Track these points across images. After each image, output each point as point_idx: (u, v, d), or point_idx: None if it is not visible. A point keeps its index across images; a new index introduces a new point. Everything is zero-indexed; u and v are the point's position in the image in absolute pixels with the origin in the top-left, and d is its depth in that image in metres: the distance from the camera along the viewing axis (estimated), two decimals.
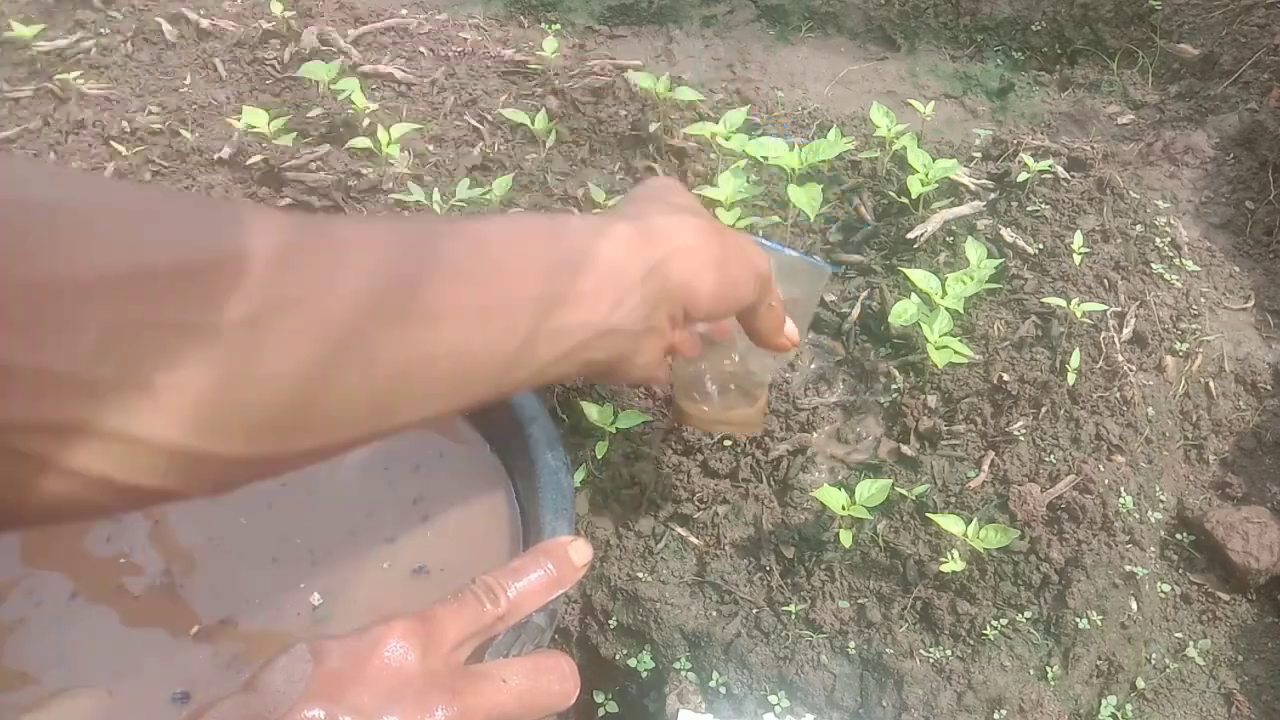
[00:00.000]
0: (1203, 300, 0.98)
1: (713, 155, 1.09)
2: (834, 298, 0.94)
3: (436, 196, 1.03)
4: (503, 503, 0.72)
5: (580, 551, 0.56)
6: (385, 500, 0.72)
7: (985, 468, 0.79)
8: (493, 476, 0.74)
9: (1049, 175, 1.04)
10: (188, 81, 1.26)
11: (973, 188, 1.05)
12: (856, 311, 0.92)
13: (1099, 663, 0.72)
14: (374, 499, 0.72)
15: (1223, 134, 1.17)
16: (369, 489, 0.73)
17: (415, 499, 0.72)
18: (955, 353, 0.82)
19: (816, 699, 0.69)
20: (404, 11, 1.43)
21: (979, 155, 1.13)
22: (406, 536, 0.70)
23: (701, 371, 0.67)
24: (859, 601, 0.73)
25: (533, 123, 1.12)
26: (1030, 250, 0.96)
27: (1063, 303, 0.88)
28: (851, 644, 0.70)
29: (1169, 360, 0.91)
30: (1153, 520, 0.81)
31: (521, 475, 0.70)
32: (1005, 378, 0.84)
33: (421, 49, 1.32)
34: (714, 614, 0.73)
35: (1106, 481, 0.78)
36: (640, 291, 0.49)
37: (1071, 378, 0.84)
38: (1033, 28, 1.45)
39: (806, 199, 0.94)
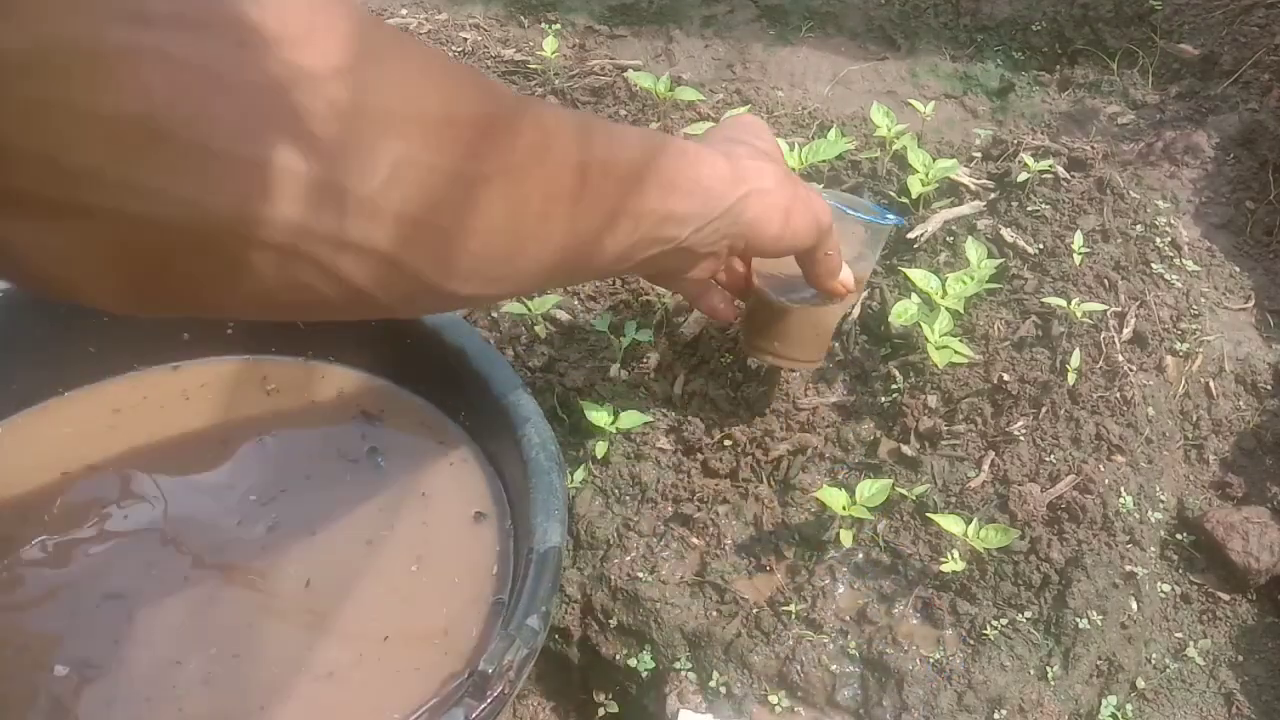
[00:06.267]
0: (1203, 300, 0.98)
1: None
2: None
3: None
4: (492, 505, 0.72)
5: None
6: (373, 502, 0.72)
7: (985, 468, 0.79)
8: (484, 478, 0.74)
9: (1049, 175, 1.04)
10: None
11: (973, 188, 1.05)
12: (856, 311, 0.92)
13: (1099, 663, 0.72)
14: (362, 500, 0.71)
15: (1223, 134, 1.17)
16: (356, 489, 0.72)
17: (404, 501, 0.72)
18: (955, 353, 0.82)
19: (816, 699, 0.69)
20: (404, 11, 1.43)
21: (979, 155, 1.13)
22: (395, 537, 0.70)
23: (772, 307, 0.74)
24: (859, 601, 0.73)
25: None
26: (1030, 250, 0.96)
27: (1063, 303, 0.88)
28: (852, 644, 0.70)
29: (1169, 360, 0.91)
30: (1153, 520, 0.81)
31: (513, 476, 0.70)
32: (1005, 378, 0.84)
33: None
34: (714, 614, 0.73)
35: (1107, 481, 0.78)
36: (718, 222, 0.57)
37: (1071, 378, 0.84)
38: (1033, 28, 1.45)
39: None
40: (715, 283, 0.71)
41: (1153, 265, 0.97)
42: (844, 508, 0.72)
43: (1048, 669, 0.69)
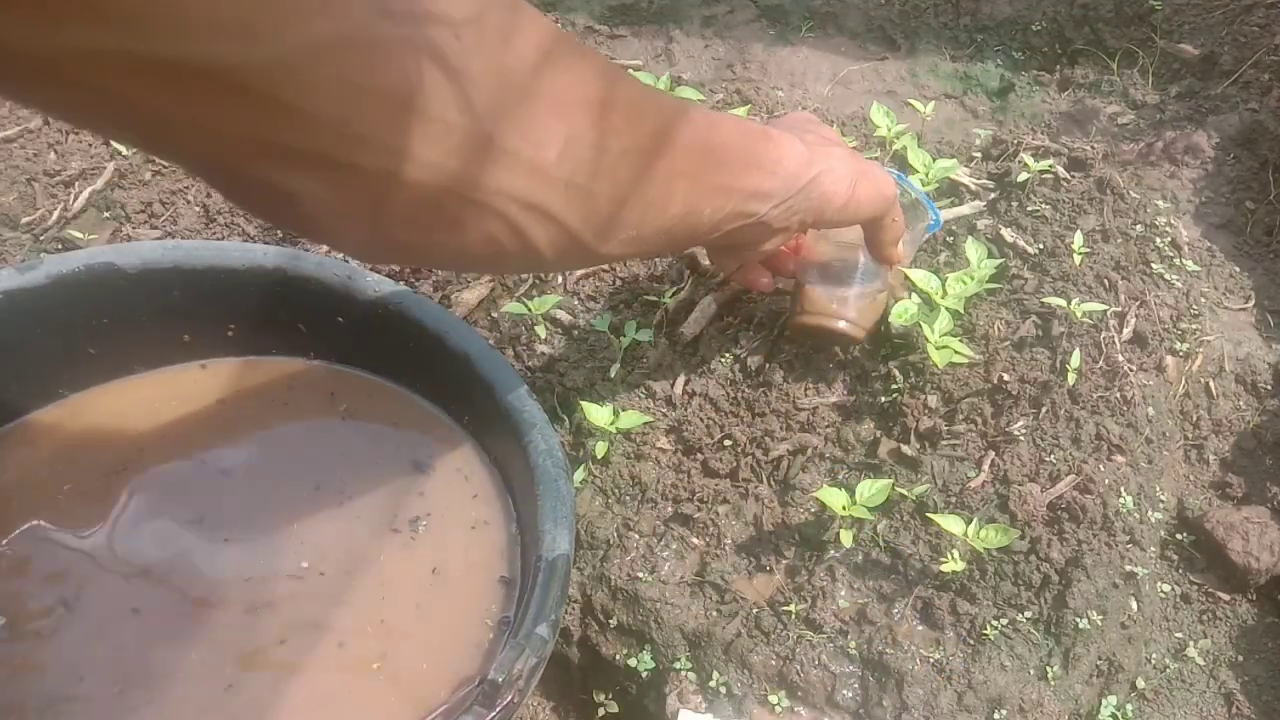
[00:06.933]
0: (1203, 300, 0.98)
1: None
2: None
3: None
4: (499, 511, 0.72)
5: None
6: (378, 509, 0.71)
7: (985, 468, 0.79)
8: (489, 484, 0.74)
9: (1049, 175, 1.04)
10: None
11: (973, 188, 1.05)
12: None
13: (1099, 663, 0.72)
14: (366, 507, 0.70)
15: (1223, 134, 1.17)
16: (362, 493, 0.72)
17: (410, 506, 0.71)
18: (955, 353, 0.82)
19: (816, 699, 0.69)
20: None
21: (979, 155, 1.13)
22: (400, 545, 0.70)
23: (828, 283, 0.82)
24: (859, 601, 0.73)
25: None
26: (1030, 250, 0.97)
27: (1063, 303, 0.88)
28: (852, 644, 0.70)
29: (1169, 360, 0.91)
30: (1153, 520, 0.81)
31: (520, 483, 0.70)
32: (1005, 378, 0.84)
33: None
34: (714, 614, 0.73)
35: (1107, 481, 0.78)
36: (793, 200, 0.62)
37: (1071, 378, 0.84)
38: (1033, 28, 1.45)
39: None
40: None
41: (1153, 265, 0.97)
42: (844, 508, 0.72)
43: (1048, 669, 0.70)
